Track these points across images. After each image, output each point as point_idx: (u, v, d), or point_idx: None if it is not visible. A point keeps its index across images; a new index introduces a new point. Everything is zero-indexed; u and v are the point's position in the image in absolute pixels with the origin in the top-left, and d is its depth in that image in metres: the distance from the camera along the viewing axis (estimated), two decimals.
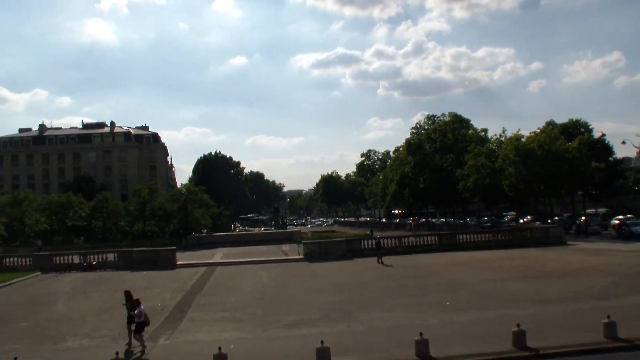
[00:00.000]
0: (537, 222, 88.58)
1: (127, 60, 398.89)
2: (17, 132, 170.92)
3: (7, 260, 62.59)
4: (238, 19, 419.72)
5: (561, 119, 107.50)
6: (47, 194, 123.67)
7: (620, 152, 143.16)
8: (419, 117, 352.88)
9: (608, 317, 21.56)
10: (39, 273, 56.81)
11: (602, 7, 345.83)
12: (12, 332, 29.36)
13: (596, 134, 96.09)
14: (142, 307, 24.20)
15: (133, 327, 24.49)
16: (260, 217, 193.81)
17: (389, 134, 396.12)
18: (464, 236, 66.19)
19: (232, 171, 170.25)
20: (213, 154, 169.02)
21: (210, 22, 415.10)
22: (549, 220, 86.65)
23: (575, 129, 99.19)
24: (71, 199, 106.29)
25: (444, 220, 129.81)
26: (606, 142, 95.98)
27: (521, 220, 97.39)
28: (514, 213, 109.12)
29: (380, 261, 52.54)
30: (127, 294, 25.74)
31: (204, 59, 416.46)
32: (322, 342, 19.98)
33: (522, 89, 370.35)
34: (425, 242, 63.95)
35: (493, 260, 50.09)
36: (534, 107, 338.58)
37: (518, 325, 20.67)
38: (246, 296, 37.31)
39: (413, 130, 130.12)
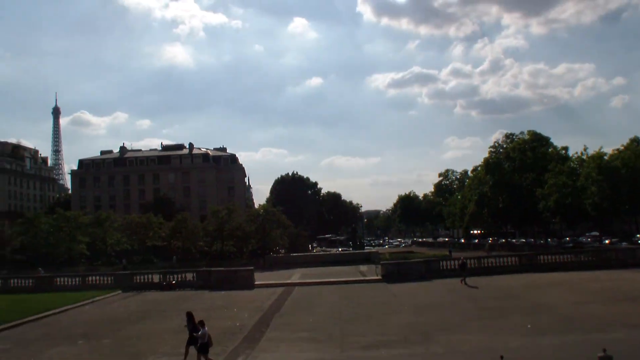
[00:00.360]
0: (624, 243, 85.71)
1: (204, 82, 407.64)
2: (99, 154, 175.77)
3: (90, 278, 64.16)
4: (313, 40, 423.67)
5: None
6: (128, 214, 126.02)
7: None
8: (497, 136, 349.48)
9: None
10: (120, 291, 57.99)
11: None
12: (95, 348, 30.08)
13: None
14: (205, 328, 24.41)
15: (192, 348, 24.93)
16: (337, 237, 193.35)
17: (466, 153, 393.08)
18: (545, 257, 64.32)
19: (309, 192, 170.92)
20: (290, 174, 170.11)
21: (285, 43, 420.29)
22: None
23: None
24: (151, 219, 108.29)
25: (523, 240, 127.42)
26: None
27: (606, 241, 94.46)
28: (597, 233, 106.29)
29: (463, 282, 51.29)
30: (189, 315, 25.99)
31: (280, 80, 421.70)
32: None
33: (604, 105, 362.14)
34: (505, 263, 62.41)
35: (576, 282, 48.64)
36: (616, 124, 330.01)
37: (604, 351, 19.92)
38: (324, 316, 37.19)
39: (491, 149, 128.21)
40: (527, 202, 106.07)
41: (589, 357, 20.86)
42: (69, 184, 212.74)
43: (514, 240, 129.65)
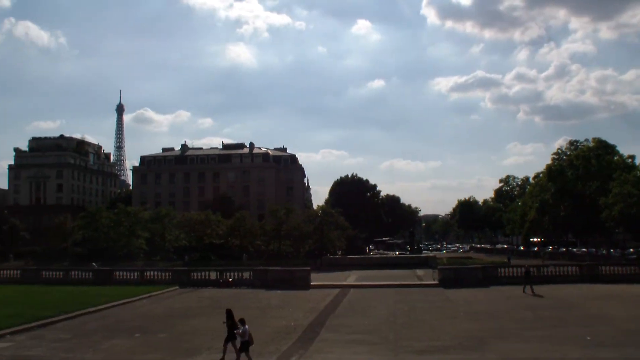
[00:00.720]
0: None
1: (266, 83, 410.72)
2: (160, 151, 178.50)
3: (148, 273, 65.02)
4: (376, 42, 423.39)
5: None
6: (187, 211, 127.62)
7: None
8: (560, 143, 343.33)
9: None
10: (177, 287, 58.61)
11: None
12: (151, 342, 30.50)
13: None
14: (246, 326, 24.43)
15: (230, 345, 25.20)
16: (395, 240, 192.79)
17: (529, 159, 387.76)
18: (607, 268, 62.88)
19: (368, 194, 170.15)
20: (349, 176, 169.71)
21: (348, 45, 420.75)
22: None
23: None
24: (210, 217, 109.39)
25: (585, 250, 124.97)
26: None
27: None
28: None
29: (525, 290, 49.86)
30: (228, 313, 25.99)
31: (342, 82, 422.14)
32: None
33: None
34: (565, 272, 61.22)
35: (638, 295, 47.58)
36: None
37: None
38: (378, 320, 37.01)
39: (554, 156, 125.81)
40: (589, 211, 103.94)
41: None
42: (130, 180, 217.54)
43: (574, 250, 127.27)
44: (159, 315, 40.67)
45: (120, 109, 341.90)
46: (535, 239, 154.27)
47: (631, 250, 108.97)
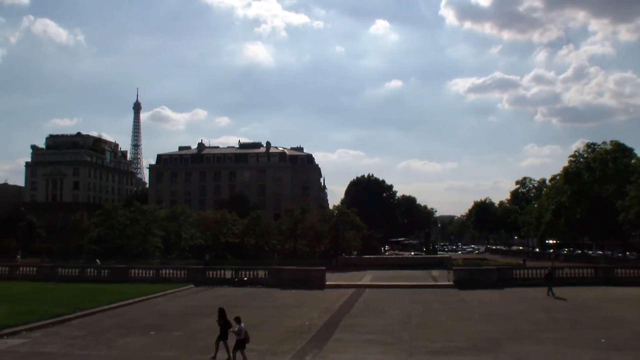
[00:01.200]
0: None
1: (284, 82, 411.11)
2: (177, 149, 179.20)
3: (164, 271, 65.22)
4: (394, 43, 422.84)
5: None
6: (203, 210, 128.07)
7: None
8: (578, 145, 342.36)
9: None
10: (192, 285, 58.81)
11: None
12: (166, 340, 30.78)
13: None
14: (242, 325, 24.82)
15: (222, 344, 25.55)
16: (410, 241, 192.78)
17: (545, 161, 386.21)
18: (623, 270, 62.69)
19: (384, 194, 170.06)
20: (366, 176, 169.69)
21: (366, 45, 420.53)
22: None
23: None
24: (225, 216, 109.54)
25: (600, 252, 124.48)
26: None
27: None
28: None
29: (550, 293, 49.49)
30: (221, 311, 26.20)
31: (359, 82, 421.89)
32: None
33: None
34: (580, 275, 61.05)
35: None
36: None
37: None
38: (393, 320, 37.14)
39: (571, 158, 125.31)
40: (606, 214, 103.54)
41: None
42: (146, 178, 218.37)
43: (590, 252, 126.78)
44: (174, 313, 40.88)
45: (137, 107, 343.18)
46: (550, 241, 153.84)
47: None
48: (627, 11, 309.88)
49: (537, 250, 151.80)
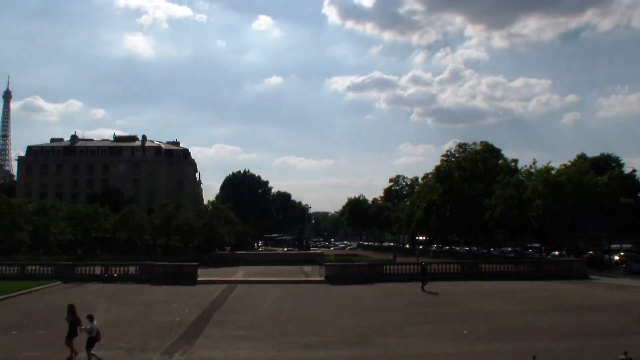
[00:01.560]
0: (571, 256, 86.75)
1: (163, 75, 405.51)
2: (49, 141, 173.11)
3: (30, 267, 62.77)
4: (277, 39, 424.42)
5: (593, 152, 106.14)
6: (75, 204, 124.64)
7: None
8: (450, 145, 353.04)
9: (625, 353, 21.07)
10: (59, 282, 56.96)
11: None
12: (29, 340, 29.52)
13: (627, 169, 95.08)
14: (95, 322, 24.32)
15: (73, 341, 24.94)
16: (284, 237, 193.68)
17: (419, 160, 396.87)
18: (487, 265, 65.72)
19: (259, 190, 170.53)
20: (242, 172, 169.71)
21: (248, 41, 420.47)
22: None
23: (606, 164, 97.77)
24: (97, 210, 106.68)
25: (467, 248, 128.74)
26: (637, 177, 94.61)
27: (556, 253, 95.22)
28: (538, 245, 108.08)
29: (423, 289, 50.66)
30: (70, 308, 25.60)
31: (239, 77, 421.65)
32: None
33: (556, 121, 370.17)
34: (448, 270, 63.38)
35: (514, 292, 49.74)
36: (566, 140, 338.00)
37: (534, 358, 20.32)
38: (264, 315, 37.21)
39: (443, 158, 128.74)
40: (474, 212, 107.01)
41: None
42: (15, 171, 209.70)
43: (457, 248, 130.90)
44: (40, 311, 39.30)
45: (7, 96, 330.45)
46: (421, 238, 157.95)
47: (509, 249, 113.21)
48: (501, 19, 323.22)
49: (408, 246, 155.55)
